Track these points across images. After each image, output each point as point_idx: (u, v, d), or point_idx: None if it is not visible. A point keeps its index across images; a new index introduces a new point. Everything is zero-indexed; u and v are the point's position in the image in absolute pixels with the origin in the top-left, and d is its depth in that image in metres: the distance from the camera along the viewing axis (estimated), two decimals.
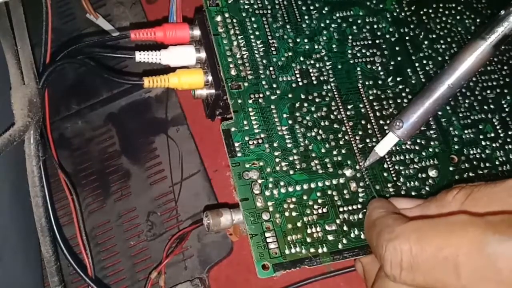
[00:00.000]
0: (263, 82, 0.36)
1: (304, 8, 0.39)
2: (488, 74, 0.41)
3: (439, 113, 0.38)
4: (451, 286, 0.24)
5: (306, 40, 0.38)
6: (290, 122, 0.35)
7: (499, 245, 0.22)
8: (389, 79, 0.38)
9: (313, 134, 0.35)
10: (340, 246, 0.33)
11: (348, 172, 0.35)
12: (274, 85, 0.36)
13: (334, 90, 0.37)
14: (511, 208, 0.25)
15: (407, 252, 0.25)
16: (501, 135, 0.39)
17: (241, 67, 0.36)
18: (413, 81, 0.39)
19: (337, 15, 0.40)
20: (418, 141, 0.37)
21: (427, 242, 0.25)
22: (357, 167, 0.35)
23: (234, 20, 0.37)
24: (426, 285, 0.25)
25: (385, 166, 0.36)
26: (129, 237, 0.47)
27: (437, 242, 0.24)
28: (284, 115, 0.35)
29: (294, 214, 0.33)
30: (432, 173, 0.36)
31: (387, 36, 0.40)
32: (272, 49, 0.37)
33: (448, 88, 0.31)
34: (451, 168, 0.36)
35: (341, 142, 0.35)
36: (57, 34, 0.52)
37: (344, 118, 0.36)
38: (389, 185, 0.35)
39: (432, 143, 0.37)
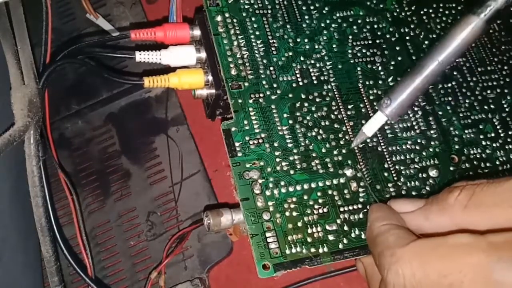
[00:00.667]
0: (264, 82, 0.36)
1: (304, 8, 0.39)
2: (488, 74, 0.41)
3: (440, 113, 0.38)
4: None
5: (306, 40, 0.38)
6: (290, 122, 0.35)
7: (505, 273, 0.22)
8: (390, 79, 0.38)
9: (314, 134, 0.35)
10: (340, 246, 0.33)
11: (349, 172, 0.35)
12: (275, 85, 0.36)
13: (335, 90, 0.37)
14: None
15: (410, 277, 0.25)
16: (502, 135, 0.39)
17: (242, 67, 0.36)
18: None
19: (337, 15, 0.40)
20: (419, 141, 0.37)
21: (430, 267, 0.24)
22: (358, 166, 0.35)
23: (234, 20, 0.37)
24: None
25: (386, 166, 0.36)
26: (129, 237, 0.47)
27: (441, 268, 0.24)
28: (285, 115, 0.35)
29: (294, 214, 0.33)
30: (433, 173, 0.36)
31: (388, 36, 0.40)
32: (273, 49, 0.37)
33: (438, 64, 0.30)
34: (451, 168, 0.36)
35: (341, 142, 0.35)
36: (57, 34, 0.52)
37: (345, 118, 0.36)
38: (389, 185, 0.35)
39: (432, 143, 0.37)
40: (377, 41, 0.40)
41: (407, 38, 0.41)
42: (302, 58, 0.38)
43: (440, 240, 0.25)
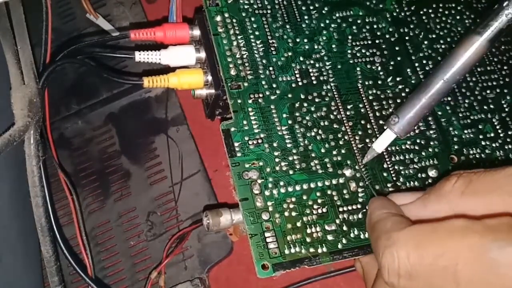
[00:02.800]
0: (263, 82, 0.36)
1: (304, 8, 0.39)
2: (488, 74, 0.41)
3: (439, 113, 0.38)
4: None
5: (305, 40, 0.38)
6: (289, 122, 0.35)
7: (500, 252, 0.22)
8: (389, 79, 0.38)
9: (313, 134, 0.35)
10: (339, 246, 0.33)
11: (348, 172, 0.35)
12: (274, 85, 0.36)
13: (334, 90, 0.37)
14: None
15: (405, 260, 0.25)
16: (501, 135, 0.39)
17: (241, 67, 0.36)
18: (412, 81, 0.39)
19: (337, 15, 0.40)
20: (418, 141, 0.37)
21: (425, 249, 0.24)
22: (357, 167, 0.35)
23: (234, 20, 0.37)
24: None
25: (385, 166, 0.36)
26: (129, 237, 0.47)
27: (435, 250, 0.24)
28: (284, 115, 0.35)
29: (293, 214, 0.33)
30: (432, 173, 0.36)
31: (387, 36, 0.40)
32: (272, 49, 0.37)
33: (443, 83, 0.31)
34: (450, 168, 0.36)
35: (340, 142, 0.35)
36: (57, 34, 0.52)
37: (344, 118, 0.36)
38: (388, 185, 0.35)
39: (431, 143, 0.37)
40: (377, 41, 0.40)
41: (407, 38, 0.41)
42: (301, 58, 0.38)
43: (435, 224, 0.25)
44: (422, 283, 0.25)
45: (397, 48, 0.40)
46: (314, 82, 0.37)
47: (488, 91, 0.40)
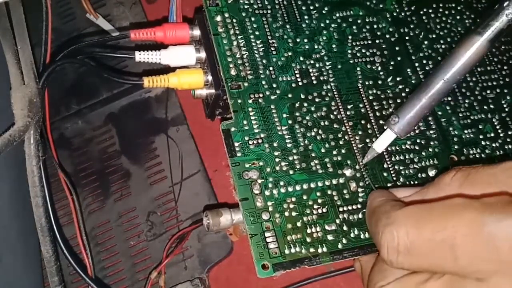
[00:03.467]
0: (263, 82, 0.36)
1: (304, 8, 0.39)
2: (488, 74, 0.41)
3: (439, 113, 0.38)
4: (449, 268, 0.24)
5: (306, 40, 0.38)
6: (290, 122, 0.35)
7: (496, 225, 0.23)
8: (389, 79, 0.38)
9: (313, 134, 0.35)
10: (339, 246, 0.33)
11: (348, 172, 0.35)
12: (274, 85, 0.36)
13: (334, 90, 0.37)
14: (509, 189, 0.25)
15: (404, 236, 0.25)
16: (501, 135, 0.39)
17: (241, 67, 0.36)
18: (413, 81, 0.39)
19: (337, 15, 0.40)
20: (418, 141, 0.37)
21: (423, 226, 0.25)
22: (357, 167, 0.35)
23: (234, 20, 0.37)
24: (423, 268, 0.25)
25: (385, 166, 0.36)
26: (129, 237, 0.47)
27: (434, 226, 0.24)
28: (284, 115, 0.35)
29: (294, 214, 0.33)
30: (432, 173, 0.36)
31: (387, 36, 0.40)
32: (272, 49, 0.37)
33: (443, 83, 0.31)
34: (450, 168, 0.36)
35: (341, 142, 0.35)
36: (57, 34, 0.52)
37: (344, 118, 0.36)
38: (389, 185, 0.35)
39: (432, 143, 0.37)
40: (377, 41, 0.40)
41: (407, 38, 0.41)
42: (301, 58, 0.38)
43: (434, 203, 0.26)
44: (421, 259, 0.25)
45: (397, 48, 0.40)
46: (314, 82, 0.37)
47: (488, 91, 0.40)
